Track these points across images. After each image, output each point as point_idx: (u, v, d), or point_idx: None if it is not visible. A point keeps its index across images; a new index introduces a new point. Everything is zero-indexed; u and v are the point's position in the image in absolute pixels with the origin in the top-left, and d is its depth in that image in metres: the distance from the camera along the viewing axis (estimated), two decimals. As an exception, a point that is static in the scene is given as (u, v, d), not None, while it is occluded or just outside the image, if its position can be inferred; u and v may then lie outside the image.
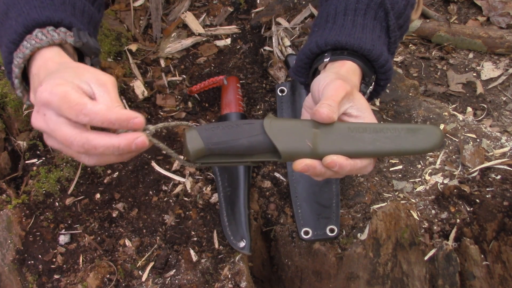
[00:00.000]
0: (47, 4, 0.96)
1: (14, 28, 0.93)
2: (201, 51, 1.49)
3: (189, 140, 0.83)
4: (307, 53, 1.01)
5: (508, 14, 1.77)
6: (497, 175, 1.17)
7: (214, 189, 1.21)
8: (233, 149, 0.85)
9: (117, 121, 0.77)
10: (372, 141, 0.86)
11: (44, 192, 1.20)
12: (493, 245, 1.09)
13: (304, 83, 1.06)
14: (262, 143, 0.85)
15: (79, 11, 1.01)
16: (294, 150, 0.85)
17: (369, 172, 0.92)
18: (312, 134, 0.86)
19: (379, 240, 1.10)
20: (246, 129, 0.86)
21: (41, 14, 0.93)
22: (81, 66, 0.88)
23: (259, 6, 1.59)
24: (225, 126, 0.86)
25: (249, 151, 0.86)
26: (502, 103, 1.60)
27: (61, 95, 0.76)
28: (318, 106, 0.86)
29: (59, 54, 0.91)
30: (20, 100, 1.28)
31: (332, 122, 0.86)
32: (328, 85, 0.90)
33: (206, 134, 0.84)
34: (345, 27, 1.00)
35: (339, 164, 0.84)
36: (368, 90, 1.02)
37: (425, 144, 0.86)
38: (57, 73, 0.83)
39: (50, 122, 0.79)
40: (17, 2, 0.96)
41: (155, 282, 1.07)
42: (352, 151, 0.85)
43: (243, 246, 1.09)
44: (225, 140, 0.84)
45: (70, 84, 0.79)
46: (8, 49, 0.93)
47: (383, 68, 0.99)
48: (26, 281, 1.09)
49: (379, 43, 0.99)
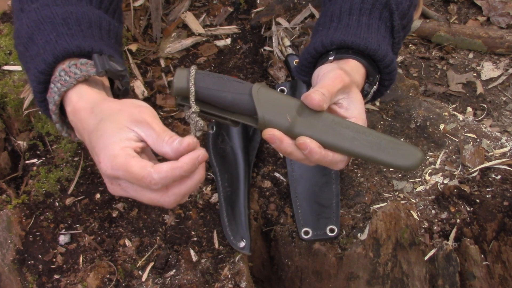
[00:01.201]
0: (75, 30, 0.93)
1: (43, 57, 0.90)
2: (201, 51, 1.49)
3: (176, 77, 0.85)
4: (312, 52, 1.01)
5: (508, 14, 1.77)
6: (497, 175, 1.17)
7: (214, 189, 1.21)
8: (216, 99, 0.86)
9: (184, 168, 0.78)
10: (350, 139, 0.86)
11: (44, 192, 1.20)
12: (493, 245, 1.09)
13: (307, 82, 1.07)
14: (244, 103, 0.86)
15: (105, 32, 0.99)
16: (272, 120, 0.85)
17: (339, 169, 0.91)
18: (295, 113, 0.86)
19: (379, 240, 1.10)
20: (234, 85, 0.87)
21: (71, 44, 0.91)
22: (112, 108, 0.85)
23: (259, 6, 1.59)
24: (217, 76, 0.87)
25: (230, 107, 0.87)
26: (502, 103, 1.60)
27: (124, 170, 0.78)
28: (312, 91, 0.86)
29: (86, 94, 0.89)
30: (20, 100, 1.28)
31: (321, 110, 0.86)
32: (328, 73, 0.90)
33: (195, 77, 0.85)
34: (351, 26, 1.00)
35: (310, 149, 0.83)
36: (372, 90, 1.02)
37: (402, 161, 0.86)
38: (99, 133, 0.82)
39: (129, 190, 0.81)
40: (43, 28, 0.93)
41: (155, 282, 1.07)
42: (327, 141, 0.85)
43: (243, 246, 1.09)
44: (211, 88, 0.85)
45: (122, 151, 0.79)
46: (37, 78, 0.92)
47: (387, 68, 0.99)
48: (26, 281, 1.10)
49: (384, 43, 0.99)
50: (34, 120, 1.29)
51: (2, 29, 1.45)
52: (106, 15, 1.02)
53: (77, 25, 0.94)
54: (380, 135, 0.87)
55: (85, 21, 0.95)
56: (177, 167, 0.77)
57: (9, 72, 1.35)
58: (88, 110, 0.87)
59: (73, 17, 0.94)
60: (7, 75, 1.34)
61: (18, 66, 1.36)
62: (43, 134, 1.27)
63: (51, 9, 0.95)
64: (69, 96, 0.90)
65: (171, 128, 1.31)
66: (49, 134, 1.27)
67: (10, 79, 1.32)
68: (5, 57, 1.37)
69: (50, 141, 1.27)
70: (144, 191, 0.80)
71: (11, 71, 1.35)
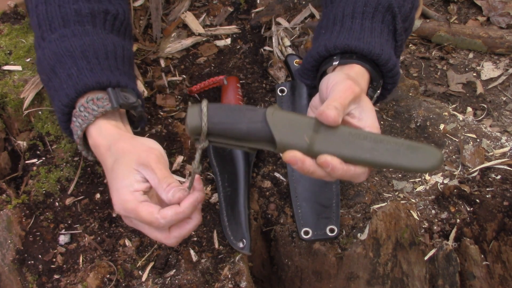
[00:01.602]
0: (94, 64, 1.01)
1: (66, 92, 1.00)
2: (201, 51, 1.49)
3: (189, 116, 0.85)
4: (315, 56, 1.01)
5: (508, 14, 1.77)
6: (497, 175, 1.17)
7: (214, 189, 1.21)
8: (231, 132, 0.86)
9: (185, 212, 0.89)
10: (370, 150, 0.85)
11: (44, 192, 1.20)
12: (493, 245, 1.10)
13: (310, 86, 1.06)
14: (260, 131, 0.86)
15: (120, 60, 1.06)
16: (290, 143, 0.84)
17: (361, 181, 0.91)
18: (312, 132, 0.85)
19: (379, 240, 1.10)
20: (247, 115, 0.86)
21: (91, 79, 1.00)
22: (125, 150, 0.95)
23: (259, 6, 1.59)
24: (229, 108, 0.87)
25: (247, 137, 0.86)
26: (502, 103, 1.60)
27: (134, 214, 0.89)
28: (325, 107, 0.85)
29: (105, 130, 0.99)
30: (20, 100, 1.28)
31: (336, 125, 0.85)
32: (338, 84, 0.89)
33: (208, 112, 0.85)
34: (354, 30, 0.99)
35: (332, 166, 0.83)
36: (376, 95, 1.02)
37: (423, 163, 0.85)
38: (113, 175, 0.93)
39: (139, 227, 0.93)
40: (63, 61, 1.01)
41: (155, 282, 1.07)
42: (348, 156, 0.84)
43: (243, 246, 1.09)
44: (225, 121, 0.85)
45: (132, 196, 0.89)
46: (61, 110, 1.02)
47: (391, 72, 0.99)
48: (26, 281, 1.10)
49: (387, 47, 0.99)
50: (34, 120, 1.29)
51: (2, 29, 1.45)
52: (119, 38, 1.10)
53: (95, 57, 1.02)
54: (397, 140, 0.86)
55: (102, 53, 1.04)
56: (180, 212, 0.88)
57: (9, 72, 1.35)
58: (106, 147, 0.97)
59: (91, 50, 1.03)
60: (7, 75, 1.34)
61: (18, 66, 1.36)
62: (43, 134, 1.27)
63: (70, 41, 1.03)
64: (90, 131, 1.00)
65: (171, 128, 1.31)
66: (49, 134, 1.27)
67: (10, 79, 1.32)
68: (5, 57, 1.37)
69: (50, 141, 1.27)
70: (151, 229, 0.92)
71: (11, 71, 1.35)
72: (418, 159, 0.85)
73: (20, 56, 1.38)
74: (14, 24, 1.46)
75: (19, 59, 1.37)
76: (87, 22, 1.06)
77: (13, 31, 1.44)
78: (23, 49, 1.39)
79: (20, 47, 1.40)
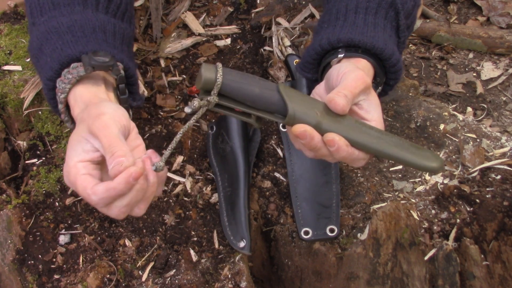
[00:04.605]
0: (79, 37, 0.98)
1: (50, 65, 0.96)
2: (201, 51, 1.49)
3: (204, 69, 0.84)
4: (317, 49, 1.01)
5: (508, 14, 1.77)
6: (497, 175, 1.17)
7: (214, 189, 1.21)
8: (244, 92, 0.85)
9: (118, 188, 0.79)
10: (377, 138, 0.86)
11: (44, 192, 1.20)
12: (493, 245, 1.09)
13: (311, 79, 1.06)
14: (272, 97, 0.85)
15: (110, 35, 1.02)
16: (301, 114, 0.84)
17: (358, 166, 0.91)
18: (321, 111, 0.86)
19: (379, 240, 1.10)
20: (261, 82, 0.87)
21: (75, 49, 0.95)
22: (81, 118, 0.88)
23: (259, 6, 1.59)
24: (243, 73, 0.87)
25: (258, 102, 0.86)
26: (502, 103, 1.60)
27: (74, 187, 0.83)
28: (335, 95, 0.85)
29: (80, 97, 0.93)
30: (20, 100, 1.28)
31: (344, 114, 0.86)
32: (350, 73, 0.89)
33: (222, 71, 0.84)
34: (357, 25, 0.99)
35: (338, 146, 0.83)
36: (378, 91, 1.02)
37: (428, 162, 0.86)
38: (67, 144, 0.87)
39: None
40: (50, 38, 0.98)
41: (155, 282, 1.07)
42: (356, 139, 0.85)
43: (243, 246, 1.09)
44: (239, 81, 0.85)
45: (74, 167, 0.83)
46: (47, 86, 0.97)
47: (394, 68, 0.99)
48: (26, 281, 1.10)
49: (390, 42, 0.99)
50: (34, 120, 1.29)
51: (2, 29, 1.45)
52: (113, 19, 1.06)
53: (81, 31, 0.98)
54: (402, 139, 0.88)
55: (89, 27, 0.99)
56: (112, 188, 0.79)
57: (9, 72, 1.35)
58: (78, 116, 0.91)
59: (77, 25, 0.99)
60: (7, 75, 1.34)
61: (18, 66, 1.36)
62: (43, 134, 1.27)
63: (57, 19, 1.00)
64: (69, 101, 0.95)
65: (171, 128, 1.31)
66: (49, 134, 1.27)
67: (10, 79, 1.32)
68: (5, 57, 1.37)
69: (50, 141, 1.27)
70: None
71: (11, 71, 1.35)
72: (423, 157, 0.86)
73: (20, 56, 1.38)
74: (14, 24, 1.46)
75: (19, 59, 1.38)
76: (77, 3, 1.03)
77: (13, 31, 1.44)
78: (23, 49, 1.39)
79: (20, 47, 1.40)
